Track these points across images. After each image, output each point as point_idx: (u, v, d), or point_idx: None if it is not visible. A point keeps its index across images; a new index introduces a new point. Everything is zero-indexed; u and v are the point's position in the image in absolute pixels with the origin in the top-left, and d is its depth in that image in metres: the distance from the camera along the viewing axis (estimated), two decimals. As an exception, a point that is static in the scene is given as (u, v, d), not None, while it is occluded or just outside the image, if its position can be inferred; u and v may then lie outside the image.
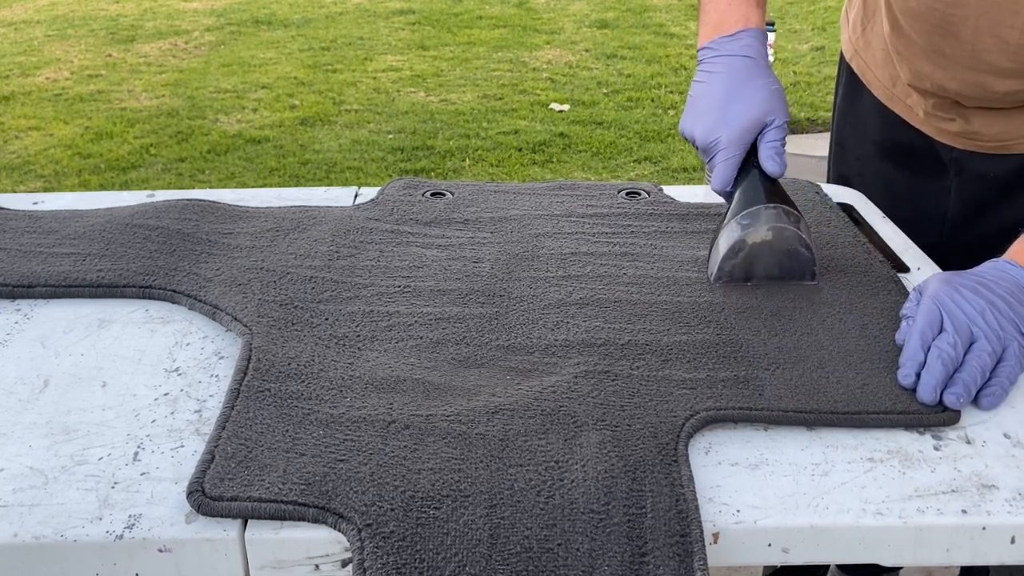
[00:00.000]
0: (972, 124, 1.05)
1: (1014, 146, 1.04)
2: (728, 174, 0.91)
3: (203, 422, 0.71)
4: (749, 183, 0.90)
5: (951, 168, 1.11)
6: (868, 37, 1.16)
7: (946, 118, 1.07)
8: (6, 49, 5.58)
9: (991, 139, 1.05)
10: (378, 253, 0.95)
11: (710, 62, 0.94)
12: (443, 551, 0.58)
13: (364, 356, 0.77)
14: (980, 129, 1.05)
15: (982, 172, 1.08)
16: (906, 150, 1.14)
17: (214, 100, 4.59)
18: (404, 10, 6.43)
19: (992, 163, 1.07)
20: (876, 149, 1.19)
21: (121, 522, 0.61)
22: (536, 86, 4.76)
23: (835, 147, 1.28)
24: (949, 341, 0.74)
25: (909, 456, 0.68)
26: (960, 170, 1.10)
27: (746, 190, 0.90)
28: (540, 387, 0.73)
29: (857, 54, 1.19)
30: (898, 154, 1.16)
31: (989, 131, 1.04)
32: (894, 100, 1.14)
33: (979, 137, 1.06)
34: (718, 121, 0.91)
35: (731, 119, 0.90)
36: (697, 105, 0.93)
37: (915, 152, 1.13)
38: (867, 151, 1.20)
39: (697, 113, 0.93)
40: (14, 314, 0.86)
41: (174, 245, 0.95)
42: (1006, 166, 1.06)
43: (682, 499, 0.62)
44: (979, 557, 0.64)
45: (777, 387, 0.74)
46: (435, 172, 3.71)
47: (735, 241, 0.89)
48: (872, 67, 1.16)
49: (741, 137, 0.90)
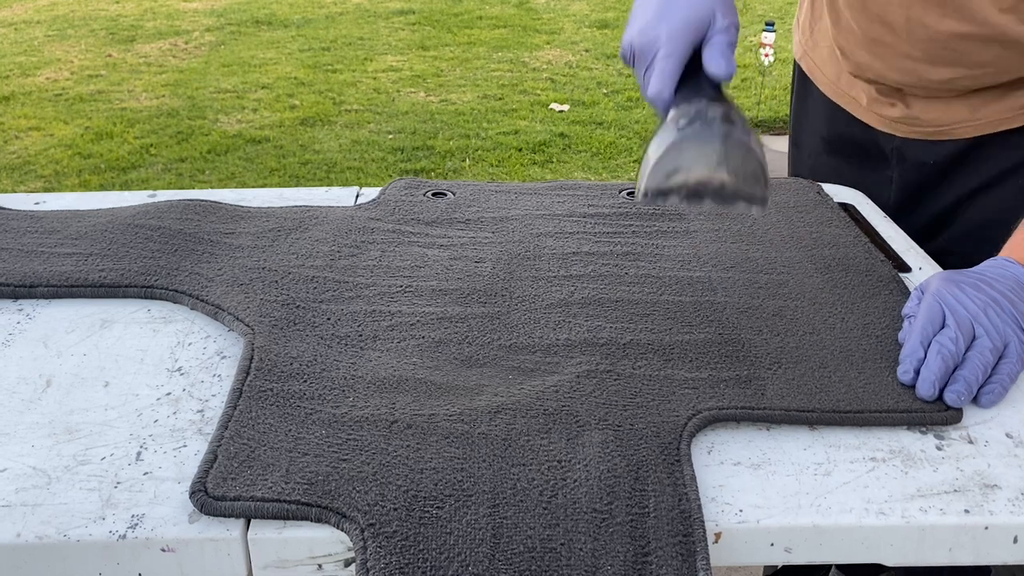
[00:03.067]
0: (912, 109, 1.08)
1: (951, 131, 1.07)
2: (668, 75, 0.75)
3: (206, 422, 0.71)
4: (691, 87, 0.74)
5: (892, 157, 1.14)
6: (816, 37, 1.20)
7: (887, 103, 1.10)
8: (6, 49, 5.58)
9: (929, 124, 1.08)
10: (380, 253, 0.95)
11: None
12: (446, 551, 0.58)
13: (366, 356, 0.77)
14: (919, 115, 1.08)
15: (922, 160, 1.11)
16: (850, 142, 1.18)
17: (214, 100, 4.59)
18: (404, 10, 6.43)
19: (931, 150, 1.10)
20: (824, 145, 1.23)
21: (124, 522, 0.61)
22: (536, 86, 4.76)
23: (792, 148, 1.32)
24: (950, 336, 0.74)
25: (911, 456, 0.68)
26: (901, 158, 1.13)
27: (686, 93, 0.74)
28: (542, 386, 0.73)
29: (806, 54, 1.23)
30: (843, 147, 1.20)
31: (928, 116, 1.07)
32: (839, 94, 1.17)
33: (918, 123, 1.09)
34: (656, 19, 0.77)
35: (671, 13, 0.77)
36: (636, 12, 0.81)
37: (858, 144, 1.17)
38: (817, 147, 1.24)
39: (635, 18, 0.80)
40: (16, 314, 0.86)
41: (176, 245, 0.95)
42: (944, 151, 1.09)
43: (685, 499, 0.62)
44: (981, 557, 0.64)
45: (779, 386, 0.74)
46: (435, 172, 3.71)
47: (670, 145, 0.70)
48: (819, 64, 1.20)
49: (683, 34, 0.76)
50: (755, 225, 1.03)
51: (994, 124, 1.04)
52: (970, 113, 1.05)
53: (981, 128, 1.05)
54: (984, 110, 1.04)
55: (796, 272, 0.93)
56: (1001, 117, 1.03)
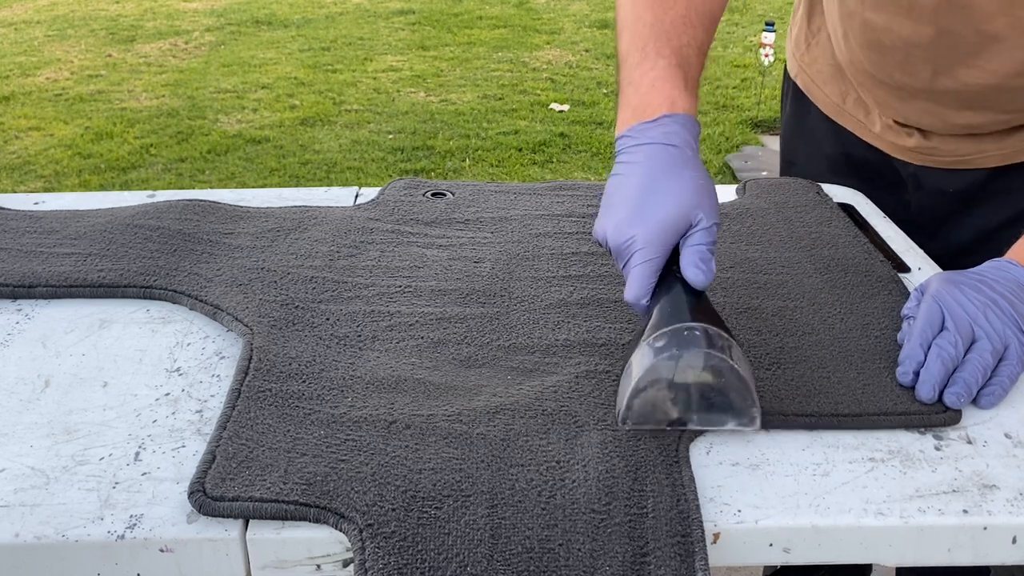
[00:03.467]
0: (931, 141, 1.04)
1: (972, 161, 1.03)
2: (645, 281, 0.72)
3: (204, 422, 0.71)
4: (670, 297, 0.72)
5: (909, 183, 1.10)
6: (814, 54, 1.14)
7: (904, 133, 1.06)
8: (6, 49, 5.58)
9: (948, 155, 1.04)
10: (379, 253, 0.95)
11: (628, 152, 0.78)
12: (444, 551, 0.58)
13: (365, 356, 0.77)
14: (939, 145, 1.03)
15: (941, 188, 1.06)
16: (860, 164, 1.12)
17: (214, 100, 4.59)
18: (404, 10, 6.43)
19: (951, 179, 1.05)
20: (829, 164, 1.16)
21: (122, 522, 0.61)
22: (536, 86, 4.76)
23: (784, 164, 1.25)
24: (950, 340, 0.74)
25: (910, 456, 0.68)
26: (918, 185, 1.09)
27: (664, 306, 0.71)
28: (541, 387, 0.73)
29: (803, 71, 1.17)
30: (853, 169, 1.14)
31: (947, 147, 1.03)
32: (844, 116, 1.12)
33: (937, 153, 1.04)
34: (632, 217, 0.74)
35: (648, 215, 0.73)
36: (611, 202, 0.77)
37: (871, 166, 1.11)
38: (820, 167, 1.17)
39: (610, 210, 0.76)
40: (15, 314, 0.86)
41: (175, 245, 0.95)
42: (965, 181, 1.04)
43: (683, 499, 0.62)
44: (980, 557, 0.64)
45: (778, 387, 0.74)
46: (435, 172, 3.71)
47: (646, 370, 0.67)
48: (819, 83, 1.14)
49: (660, 237, 0.73)
50: (754, 225, 1.03)
51: (1018, 153, 1.00)
52: (993, 144, 1.00)
53: (1004, 158, 1.00)
54: (1008, 139, 1.00)
55: (795, 272, 0.93)
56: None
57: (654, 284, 0.73)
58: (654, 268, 0.73)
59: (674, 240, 0.74)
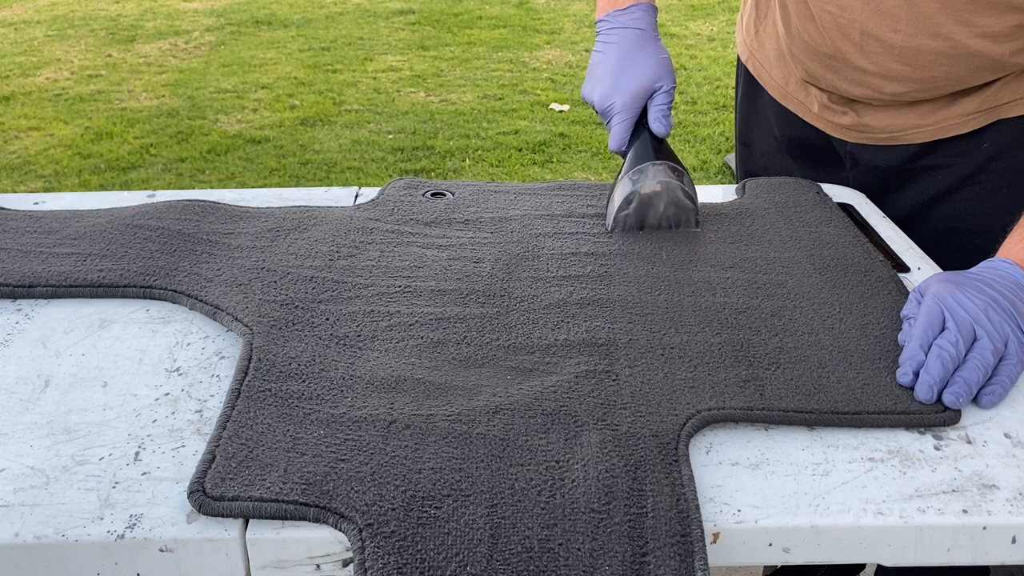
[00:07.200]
0: (863, 118, 1.09)
1: (902, 138, 1.08)
2: (622, 135, 1.02)
3: (204, 422, 0.71)
4: (640, 143, 1.02)
5: (847, 160, 1.16)
6: (761, 39, 1.20)
7: (839, 111, 1.11)
8: (6, 49, 5.58)
9: (881, 131, 1.09)
10: (379, 253, 0.95)
11: (605, 33, 1.05)
12: (444, 551, 0.58)
13: (365, 356, 0.77)
14: (870, 122, 1.09)
15: (875, 164, 1.12)
16: (803, 144, 1.20)
17: (214, 100, 4.59)
18: (404, 10, 6.43)
19: (883, 155, 1.11)
20: (778, 145, 1.24)
21: (122, 522, 0.61)
22: (536, 86, 4.76)
23: (740, 146, 1.33)
24: (951, 340, 0.74)
25: (910, 456, 0.68)
26: (855, 162, 1.15)
27: (637, 149, 1.02)
28: (541, 387, 0.73)
29: (752, 56, 1.23)
30: (797, 149, 1.21)
31: (879, 124, 1.08)
32: (788, 98, 1.18)
33: (869, 130, 1.10)
34: (612, 87, 1.02)
35: (624, 85, 1.02)
36: (595, 72, 1.05)
37: (813, 146, 1.18)
38: (771, 147, 1.26)
39: (595, 80, 1.04)
40: (15, 314, 0.87)
41: (175, 245, 0.95)
42: (898, 157, 1.10)
43: (683, 499, 0.62)
44: (980, 557, 0.64)
45: (778, 387, 0.74)
46: (435, 172, 3.71)
47: (627, 194, 0.99)
48: (766, 67, 1.20)
49: (633, 101, 1.02)
50: (754, 225, 1.03)
51: (944, 130, 1.05)
52: (920, 119, 1.05)
53: (932, 134, 1.06)
54: (934, 116, 1.05)
55: (795, 272, 0.93)
56: (950, 123, 1.04)
57: (628, 136, 1.03)
58: (629, 124, 1.03)
59: (643, 102, 1.03)
